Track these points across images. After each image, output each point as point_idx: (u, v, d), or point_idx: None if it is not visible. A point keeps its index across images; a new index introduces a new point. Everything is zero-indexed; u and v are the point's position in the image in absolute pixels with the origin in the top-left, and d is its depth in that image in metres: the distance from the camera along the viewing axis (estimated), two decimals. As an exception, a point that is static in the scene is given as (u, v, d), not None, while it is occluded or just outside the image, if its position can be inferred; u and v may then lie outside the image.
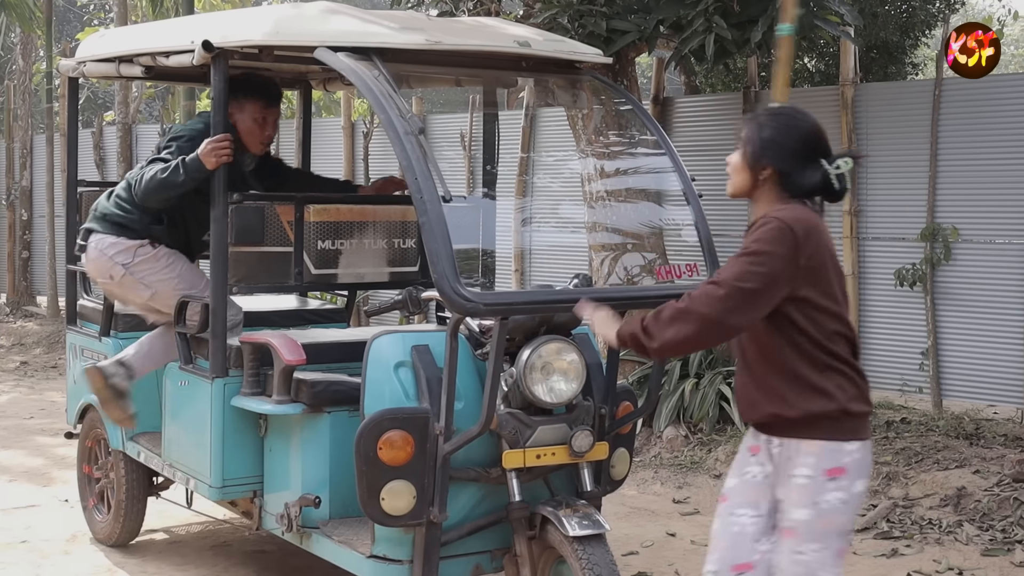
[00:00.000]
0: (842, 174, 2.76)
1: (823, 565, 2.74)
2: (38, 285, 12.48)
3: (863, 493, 2.78)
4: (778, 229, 2.67)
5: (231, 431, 3.96)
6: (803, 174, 2.75)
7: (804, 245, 2.67)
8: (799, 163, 2.76)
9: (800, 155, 2.76)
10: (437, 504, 3.29)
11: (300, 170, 5.05)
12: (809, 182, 2.75)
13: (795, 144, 2.77)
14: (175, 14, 11.50)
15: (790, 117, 2.82)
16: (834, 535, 2.74)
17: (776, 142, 2.77)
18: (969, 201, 6.31)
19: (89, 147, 11.50)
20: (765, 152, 2.77)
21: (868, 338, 6.67)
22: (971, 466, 5.47)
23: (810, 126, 2.80)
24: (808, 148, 2.77)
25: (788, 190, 2.77)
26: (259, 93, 4.30)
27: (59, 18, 20.10)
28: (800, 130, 2.79)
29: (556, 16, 6.27)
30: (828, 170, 2.75)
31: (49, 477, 6.14)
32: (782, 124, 2.80)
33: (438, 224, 3.06)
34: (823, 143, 2.80)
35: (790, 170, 2.76)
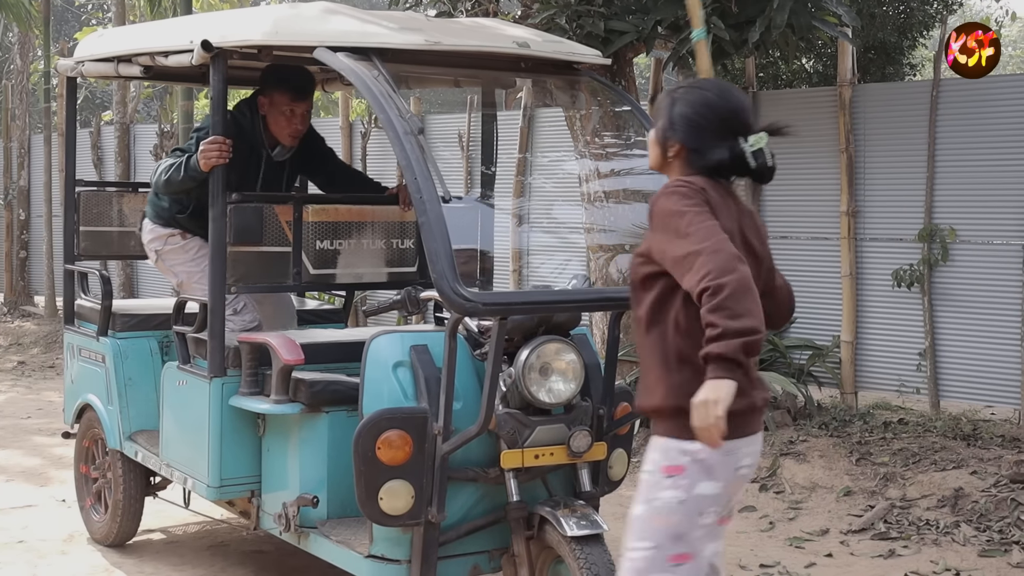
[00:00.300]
0: (759, 150, 2.61)
1: (652, 567, 2.57)
2: (36, 285, 12.48)
3: (714, 497, 2.55)
4: (677, 188, 2.55)
5: (229, 431, 3.97)
6: (712, 151, 2.61)
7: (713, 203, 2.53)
8: (708, 139, 2.62)
9: (709, 131, 2.62)
10: (435, 504, 3.29)
11: (341, 163, 4.92)
12: (716, 159, 2.61)
13: (704, 120, 2.63)
14: (173, 14, 11.49)
15: (704, 92, 2.68)
16: (667, 537, 2.55)
17: (685, 117, 2.64)
18: (967, 202, 6.32)
19: (87, 147, 11.49)
20: (674, 127, 2.65)
21: (865, 339, 6.68)
22: (968, 467, 5.48)
23: (724, 101, 2.65)
24: (720, 124, 2.62)
25: (696, 166, 2.64)
26: (287, 85, 4.31)
27: (57, 17, 20.08)
28: (711, 105, 2.64)
29: (554, 17, 6.28)
30: (743, 147, 2.60)
31: (46, 477, 6.14)
32: (694, 99, 2.66)
33: (437, 224, 3.06)
34: (740, 119, 2.64)
35: (698, 146, 2.63)
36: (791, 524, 5.29)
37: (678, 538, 2.55)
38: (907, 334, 6.54)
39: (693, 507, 2.55)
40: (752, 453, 2.63)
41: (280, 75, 4.30)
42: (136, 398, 4.65)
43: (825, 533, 5.14)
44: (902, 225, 6.53)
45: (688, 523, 2.56)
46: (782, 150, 7.49)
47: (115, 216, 5.30)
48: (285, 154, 4.48)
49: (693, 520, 2.56)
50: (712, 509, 2.57)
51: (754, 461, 2.65)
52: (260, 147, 4.39)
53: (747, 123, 2.64)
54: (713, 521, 2.59)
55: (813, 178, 6.87)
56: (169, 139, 10.53)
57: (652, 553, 2.57)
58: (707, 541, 2.59)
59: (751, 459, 2.62)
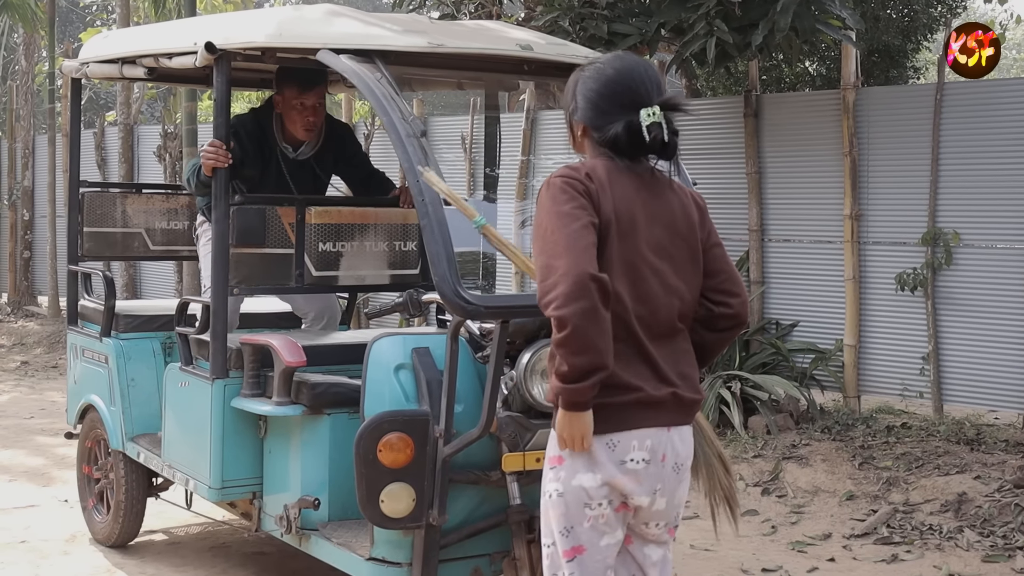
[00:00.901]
0: (653, 124, 2.50)
1: (553, 564, 2.58)
2: (39, 285, 12.49)
3: (597, 489, 2.49)
4: (556, 181, 2.46)
5: (231, 432, 3.96)
6: (609, 127, 2.52)
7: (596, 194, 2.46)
8: (605, 116, 2.53)
9: (606, 108, 2.54)
10: (436, 507, 3.29)
11: (375, 171, 4.92)
12: (612, 134, 2.51)
13: (599, 97, 2.55)
14: (177, 15, 11.51)
15: (602, 68, 2.58)
16: (558, 531, 2.54)
17: (584, 95, 2.57)
18: (970, 205, 6.31)
19: (91, 148, 11.51)
20: (576, 107, 2.59)
21: (869, 342, 6.67)
22: (972, 471, 5.47)
23: (621, 76, 2.55)
24: (616, 100, 2.53)
25: (601, 145, 2.56)
26: (292, 79, 4.36)
27: (61, 19, 20.11)
28: (608, 81, 2.55)
29: (557, 19, 6.29)
30: (636, 121, 2.49)
31: (49, 477, 6.14)
32: (592, 76, 2.58)
33: (439, 227, 3.05)
34: (637, 94, 2.53)
35: (598, 124, 2.55)
36: (793, 528, 5.28)
37: (568, 532, 2.54)
38: (910, 338, 6.53)
39: (574, 499, 2.52)
40: (649, 448, 2.51)
41: (288, 71, 4.37)
42: (139, 399, 4.65)
43: (828, 537, 5.13)
44: (905, 229, 6.52)
45: (573, 516, 2.53)
46: (787, 153, 7.49)
47: (119, 217, 5.31)
48: (309, 152, 4.52)
49: (579, 512, 2.52)
50: (600, 502, 2.51)
51: (653, 456, 2.51)
52: (275, 146, 4.42)
53: (646, 97, 2.53)
54: (610, 512, 2.52)
55: (816, 181, 6.86)
56: (172, 140, 10.54)
57: (551, 550, 2.59)
58: (603, 536, 2.53)
59: (646, 453, 2.51)
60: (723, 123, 7.31)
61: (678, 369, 2.57)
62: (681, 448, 2.59)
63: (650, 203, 2.55)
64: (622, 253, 2.49)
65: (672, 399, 2.54)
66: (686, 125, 7.53)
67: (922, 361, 6.45)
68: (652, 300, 2.53)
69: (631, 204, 2.52)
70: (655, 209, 2.56)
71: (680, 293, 2.59)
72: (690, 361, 2.62)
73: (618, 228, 2.49)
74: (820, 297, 6.87)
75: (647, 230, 2.53)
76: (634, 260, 2.51)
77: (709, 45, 6.01)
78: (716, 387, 6.37)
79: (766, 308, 7.06)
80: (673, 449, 2.57)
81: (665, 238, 2.56)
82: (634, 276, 2.51)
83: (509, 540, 3.41)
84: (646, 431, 2.52)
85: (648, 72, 2.58)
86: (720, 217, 7.02)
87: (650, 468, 2.53)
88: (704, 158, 7.27)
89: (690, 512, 5.57)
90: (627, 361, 2.49)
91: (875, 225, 6.64)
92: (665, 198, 2.59)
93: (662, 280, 2.55)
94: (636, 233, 2.51)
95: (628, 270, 2.50)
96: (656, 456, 2.53)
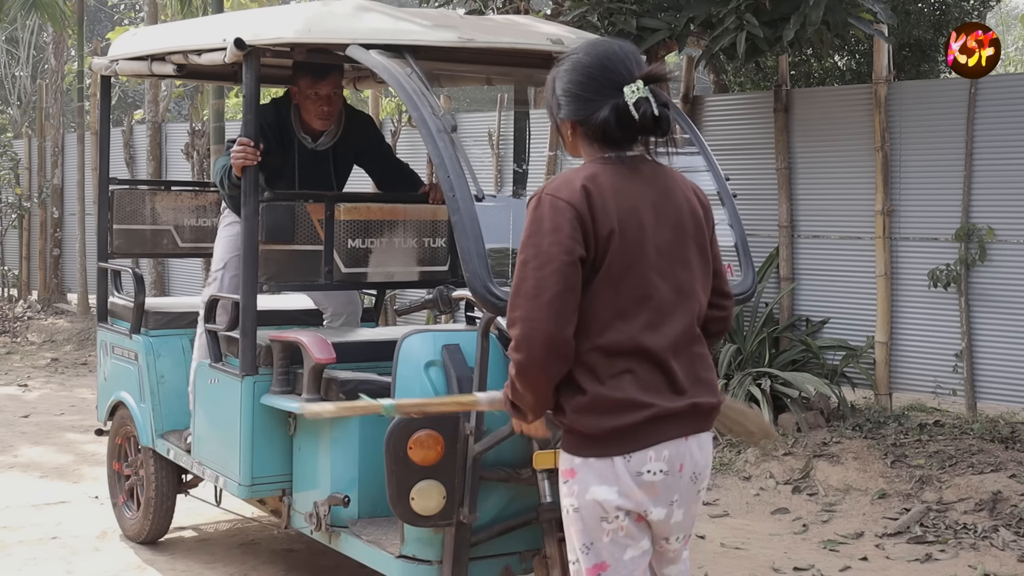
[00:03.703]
0: (641, 99, 2.34)
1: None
2: (69, 282, 12.59)
3: (613, 503, 2.37)
4: (544, 200, 2.34)
5: (260, 429, 3.96)
6: (596, 115, 2.36)
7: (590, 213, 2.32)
8: (589, 105, 2.37)
9: (588, 95, 2.38)
10: (467, 505, 3.27)
11: (397, 161, 4.89)
12: (602, 121, 2.35)
13: (578, 86, 2.39)
14: (203, 13, 11.55)
15: (574, 57, 2.43)
16: (580, 548, 2.43)
17: (564, 91, 2.41)
18: (1005, 201, 6.22)
19: (119, 145, 11.57)
20: (560, 106, 2.43)
21: (901, 339, 6.60)
22: (1007, 470, 5.39)
23: (595, 58, 2.39)
24: (595, 84, 2.37)
25: (593, 139, 2.41)
26: (306, 69, 4.34)
27: (90, 18, 20.26)
28: (582, 67, 2.39)
29: (586, 14, 6.24)
30: (622, 100, 2.34)
31: (79, 474, 6.18)
32: (567, 68, 2.42)
33: (470, 223, 3.03)
34: (616, 72, 2.37)
35: (584, 116, 2.39)
36: (825, 527, 5.23)
37: (588, 548, 2.42)
38: (943, 335, 6.45)
39: (590, 513, 2.39)
40: (667, 459, 2.39)
41: (300, 64, 4.32)
42: (168, 396, 4.66)
43: (860, 536, 5.08)
44: (938, 224, 6.44)
45: (591, 531, 2.41)
46: (817, 148, 7.43)
47: (148, 214, 5.33)
48: (328, 142, 4.51)
49: (596, 527, 2.40)
50: (616, 515, 2.38)
51: (671, 467, 2.40)
52: (294, 137, 4.42)
53: (628, 74, 2.37)
54: (629, 524, 2.40)
55: (848, 177, 6.79)
56: (200, 138, 10.58)
57: (575, 568, 2.48)
58: (625, 550, 2.43)
59: (664, 464, 2.38)
60: (753, 118, 7.25)
61: (696, 375, 2.45)
62: (699, 457, 2.46)
63: (658, 204, 2.41)
64: (629, 264, 2.36)
65: (690, 409, 2.42)
66: (715, 121, 7.49)
67: (955, 358, 6.37)
68: (665, 309, 2.40)
69: (637, 209, 2.38)
70: (663, 210, 2.42)
71: (696, 296, 2.47)
72: (707, 364, 2.50)
73: (623, 238, 2.35)
74: (851, 294, 6.80)
75: (656, 234, 2.39)
76: (644, 270, 2.37)
77: (739, 40, 5.95)
78: (746, 384, 6.32)
79: (796, 305, 7.00)
80: (691, 458, 2.44)
81: (675, 240, 2.43)
82: (645, 287, 2.37)
83: (540, 538, 3.38)
84: (664, 444, 2.39)
85: (625, 50, 2.41)
86: (750, 213, 6.96)
87: (668, 479, 2.41)
88: (734, 153, 7.21)
89: (720, 510, 5.53)
90: (641, 377, 2.36)
91: (907, 221, 6.56)
92: (672, 196, 2.45)
93: (675, 286, 2.42)
94: (644, 240, 2.37)
95: (638, 282, 2.37)
96: (674, 467, 2.41)
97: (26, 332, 11.40)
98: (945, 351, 6.43)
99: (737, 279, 3.68)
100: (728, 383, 6.40)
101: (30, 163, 13.08)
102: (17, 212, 12.86)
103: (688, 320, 2.45)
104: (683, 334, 2.44)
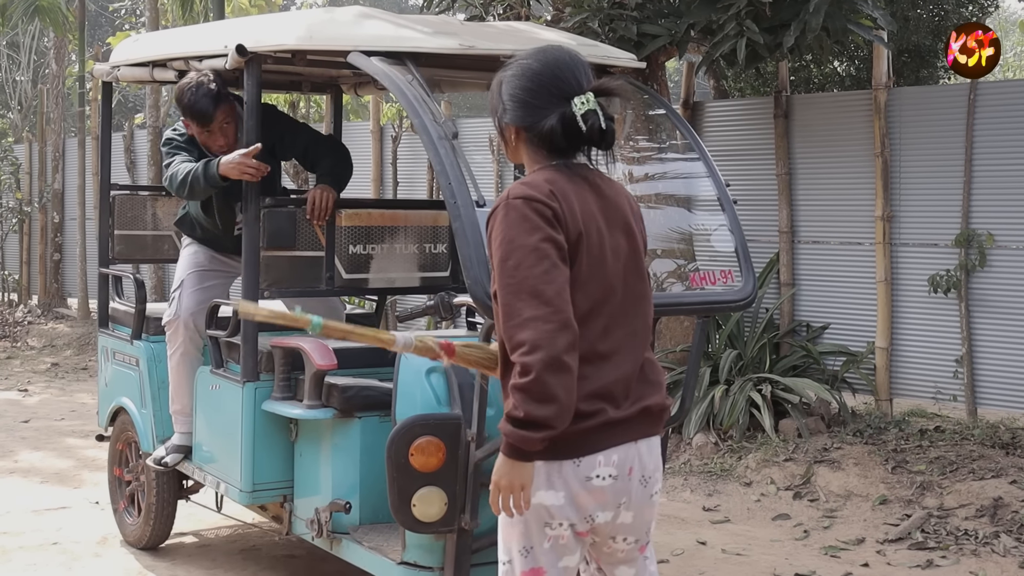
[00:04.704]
0: (588, 112, 2.33)
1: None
2: (69, 287, 12.59)
3: (559, 508, 2.37)
4: (513, 204, 2.29)
5: (261, 435, 3.97)
6: (543, 122, 2.35)
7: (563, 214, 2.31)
8: (537, 112, 2.36)
9: (536, 103, 2.36)
10: (468, 511, 3.27)
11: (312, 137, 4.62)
12: (548, 128, 2.34)
13: (527, 93, 2.37)
14: (204, 19, 11.57)
15: (524, 63, 2.40)
16: (517, 550, 2.43)
17: (511, 96, 2.39)
18: (1005, 206, 6.23)
19: (120, 150, 11.58)
20: (505, 110, 2.41)
21: (901, 345, 6.60)
22: (1008, 476, 5.39)
23: (546, 67, 2.37)
24: (544, 92, 2.36)
25: (536, 145, 2.40)
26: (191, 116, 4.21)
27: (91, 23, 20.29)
28: (532, 75, 2.37)
29: (586, 20, 6.26)
30: (569, 111, 2.33)
31: (80, 479, 6.17)
32: (516, 74, 2.40)
33: (471, 229, 3.03)
34: (565, 82, 2.36)
35: (529, 123, 2.37)
36: (826, 532, 5.23)
37: (527, 552, 2.42)
38: (943, 340, 6.45)
39: (534, 517, 2.38)
40: (616, 463, 2.39)
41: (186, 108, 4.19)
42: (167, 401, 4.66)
43: (861, 542, 5.08)
44: (938, 230, 6.45)
45: (533, 535, 2.41)
46: (817, 154, 7.43)
47: (149, 220, 5.33)
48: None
49: (538, 532, 2.40)
50: (561, 521, 2.39)
51: (620, 471, 2.40)
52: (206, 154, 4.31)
53: (577, 84, 2.36)
54: (570, 535, 2.41)
55: (847, 182, 6.79)
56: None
57: (506, 568, 2.48)
58: (562, 558, 2.42)
59: (613, 469, 2.39)
60: (753, 124, 7.26)
61: (646, 379, 2.47)
62: (648, 460, 2.47)
63: (606, 209, 2.43)
64: (593, 270, 2.36)
65: (640, 413, 2.43)
66: (715, 127, 7.50)
67: (955, 364, 6.37)
68: (624, 314, 2.42)
69: (594, 216, 2.39)
70: (611, 215, 2.43)
71: (648, 300, 2.49)
72: (656, 368, 2.52)
73: (588, 242, 2.35)
74: (851, 299, 6.80)
75: (611, 239, 2.41)
76: (605, 276, 2.38)
77: (739, 46, 5.96)
78: (746, 390, 6.32)
79: (796, 310, 7.01)
80: (640, 461, 2.45)
81: (625, 244, 2.45)
82: (605, 292, 2.38)
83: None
84: (613, 448, 2.39)
85: (575, 61, 2.40)
86: (750, 218, 6.97)
87: (617, 484, 2.41)
88: (734, 159, 7.22)
89: (721, 516, 5.53)
90: (595, 383, 2.36)
91: (907, 226, 6.57)
92: (615, 201, 2.46)
93: (631, 290, 2.44)
94: (604, 247, 2.39)
95: (600, 287, 2.37)
96: (623, 471, 2.41)
97: (26, 337, 11.41)
98: (945, 356, 6.44)
99: (737, 285, 3.69)
100: (729, 389, 6.40)
101: (31, 167, 13.08)
102: (18, 216, 12.86)
103: (640, 325, 2.48)
104: (640, 339, 2.47)
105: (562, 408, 2.25)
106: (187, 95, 4.15)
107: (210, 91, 4.14)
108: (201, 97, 4.14)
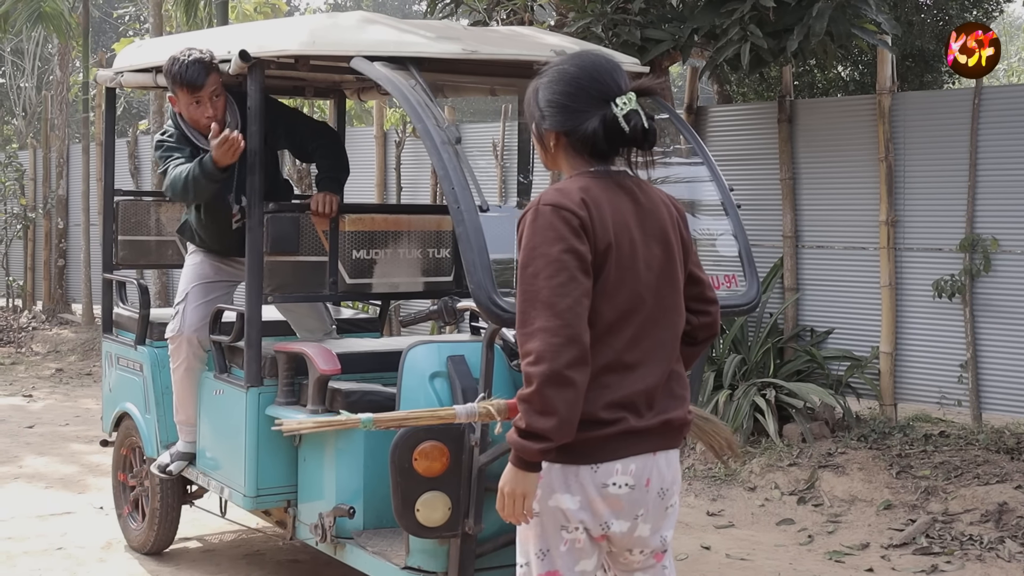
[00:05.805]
0: (631, 112, 2.34)
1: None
2: (73, 293, 12.61)
3: (575, 512, 2.38)
4: (543, 211, 2.29)
5: (265, 440, 3.97)
6: (585, 126, 2.36)
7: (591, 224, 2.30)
8: (577, 115, 2.37)
9: (576, 106, 2.37)
10: (472, 516, 3.27)
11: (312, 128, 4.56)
12: (590, 132, 2.35)
13: (566, 97, 2.38)
14: (208, 25, 11.59)
15: (561, 68, 2.41)
16: (534, 553, 2.44)
17: (550, 101, 2.39)
18: (1009, 211, 6.22)
19: (124, 156, 11.60)
20: (544, 117, 2.41)
21: (905, 350, 6.59)
22: (1012, 481, 5.38)
23: (583, 70, 2.39)
24: (584, 95, 2.37)
25: (577, 150, 2.40)
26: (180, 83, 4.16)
27: (95, 29, 20.34)
28: (570, 79, 2.38)
29: (590, 25, 6.26)
30: (614, 112, 2.34)
31: (84, 484, 6.18)
32: (553, 79, 2.40)
33: (475, 234, 3.03)
34: (605, 84, 2.37)
35: (570, 127, 2.38)
36: (830, 538, 5.22)
37: (544, 554, 2.43)
38: (948, 345, 6.44)
39: (551, 519, 2.40)
40: (633, 473, 2.40)
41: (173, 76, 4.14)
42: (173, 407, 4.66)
43: (865, 547, 5.06)
44: (943, 235, 6.44)
45: (549, 538, 2.42)
46: (821, 159, 7.42)
47: (153, 225, 5.34)
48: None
49: (555, 535, 2.41)
50: (576, 525, 2.40)
51: (638, 481, 2.40)
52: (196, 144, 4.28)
53: (616, 86, 2.37)
54: (586, 539, 2.42)
55: (852, 187, 6.79)
56: (205, 149, 10.59)
57: (524, 571, 2.49)
58: (579, 562, 2.43)
59: (630, 478, 2.39)
60: (757, 129, 7.26)
61: (671, 392, 2.46)
62: (667, 472, 2.47)
63: (642, 219, 2.42)
64: (623, 280, 2.36)
65: (661, 426, 2.43)
66: (719, 131, 7.50)
67: (960, 369, 6.36)
68: (654, 325, 2.41)
69: (628, 225, 2.38)
70: (649, 226, 2.42)
71: (679, 312, 2.48)
72: (683, 382, 2.52)
73: (618, 253, 2.35)
74: (855, 304, 6.79)
75: (645, 250, 2.40)
76: (636, 287, 2.38)
77: (743, 51, 5.96)
78: (751, 395, 6.31)
79: (801, 315, 7.00)
80: (659, 473, 2.45)
81: (664, 257, 2.44)
82: (634, 302, 2.38)
83: (545, 550, 3.38)
84: (631, 458, 2.40)
85: (611, 63, 2.42)
86: (754, 223, 6.97)
87: (634, 494, 2.41)
88: (738, 164, 7.22)
89: (725, 521, 5.52)
90: (619, 392, 2.36)
91: (911, 231, 6.56)
92: (656, 211, 2.45)
93: (662, 302, 2.42)
94: (636, 256, 2.38)
95: (630, 297, 2.37)
96: (640, 481, 2.42)
97: (31, 342, 11.42)
98: (950, 361, 6.42)
99: (741, 289, 3.69)
100: (733, 393, 6.39)
101: (35, 174, 13.11)
102: (22, 223, 12.89)
103: (669, 336, 2.47)
104: (667, 352, 2.46)
105: (562, 421, 2.25)
106: (177, 63, 4.12)
107: (200, 59, 4.11)
108: (192, 63, 4.10)
